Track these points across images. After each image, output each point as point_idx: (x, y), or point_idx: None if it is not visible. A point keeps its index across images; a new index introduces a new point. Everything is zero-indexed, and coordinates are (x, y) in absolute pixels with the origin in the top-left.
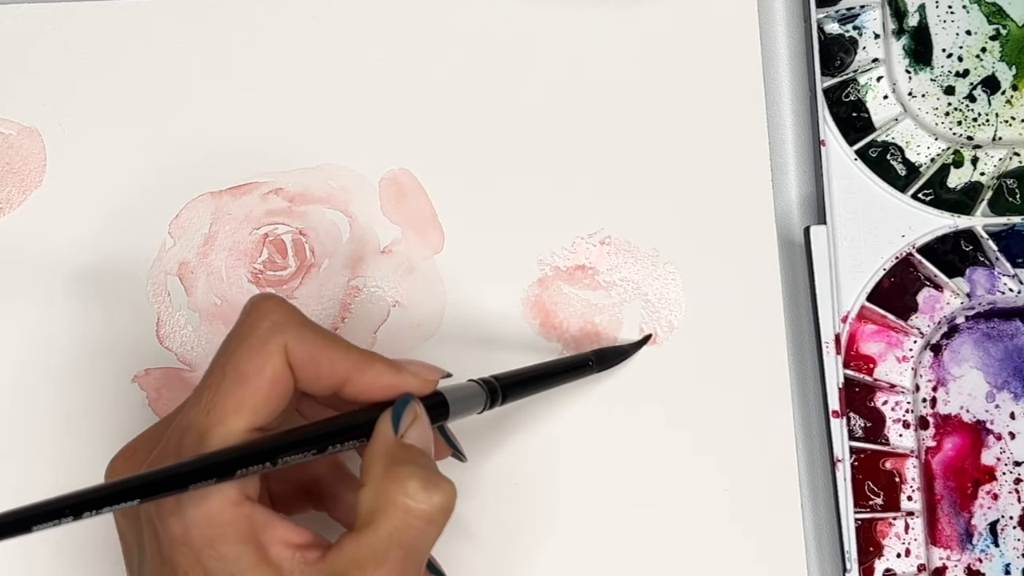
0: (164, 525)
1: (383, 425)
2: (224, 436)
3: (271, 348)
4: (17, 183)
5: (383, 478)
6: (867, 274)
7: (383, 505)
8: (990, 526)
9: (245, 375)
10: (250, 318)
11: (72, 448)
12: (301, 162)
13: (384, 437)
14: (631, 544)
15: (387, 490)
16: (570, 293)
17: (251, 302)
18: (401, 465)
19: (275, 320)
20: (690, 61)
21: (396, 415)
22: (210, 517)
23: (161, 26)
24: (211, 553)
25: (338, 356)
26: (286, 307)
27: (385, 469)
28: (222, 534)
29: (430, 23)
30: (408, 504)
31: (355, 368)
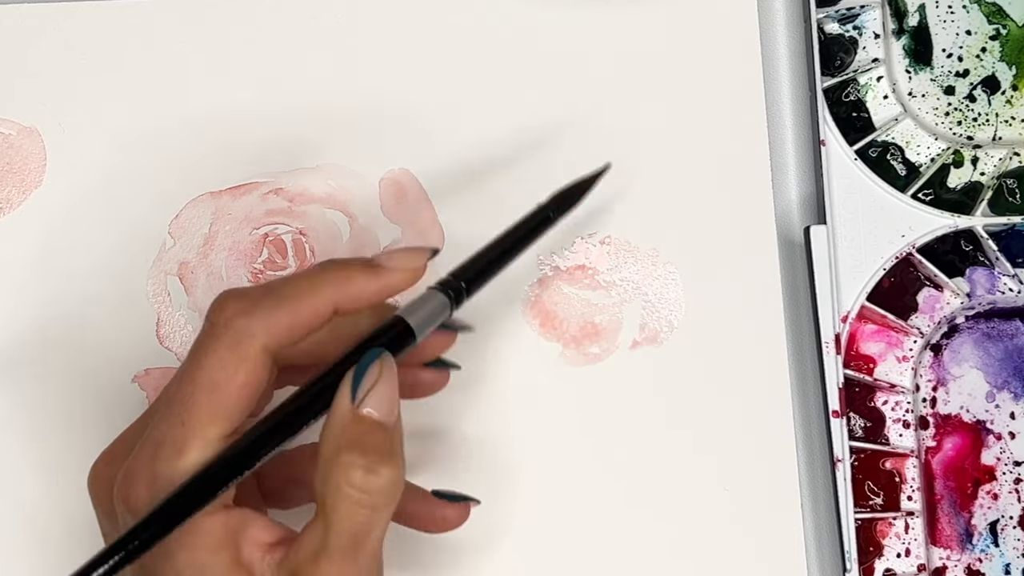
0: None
1: (342, 393)
2: (201, 449)
3: (244, 352)
4: (17, 183)
5: (331, 463)
6: (867, 274)
7: (330, 493)
8: (990, 526)
9: (217, 383)
10: (216, 326)
11: (72, 448)
12: (301, 162)
13: (340, 410)
14: (631, 544)
15: (333, 477)
16: (570, 293)
17: (212, 304)
18: (347, 451)
19: (241, 320)
20: (690, 61)
21: (357, 377)
22: (192, 527)
23: (161, 26)
24: (190, 561)
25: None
26: (245, 300)
27: (333, 453)
28: (202, 543)
29: (430, 23)
30: (351, 493)
31: (337, 292)
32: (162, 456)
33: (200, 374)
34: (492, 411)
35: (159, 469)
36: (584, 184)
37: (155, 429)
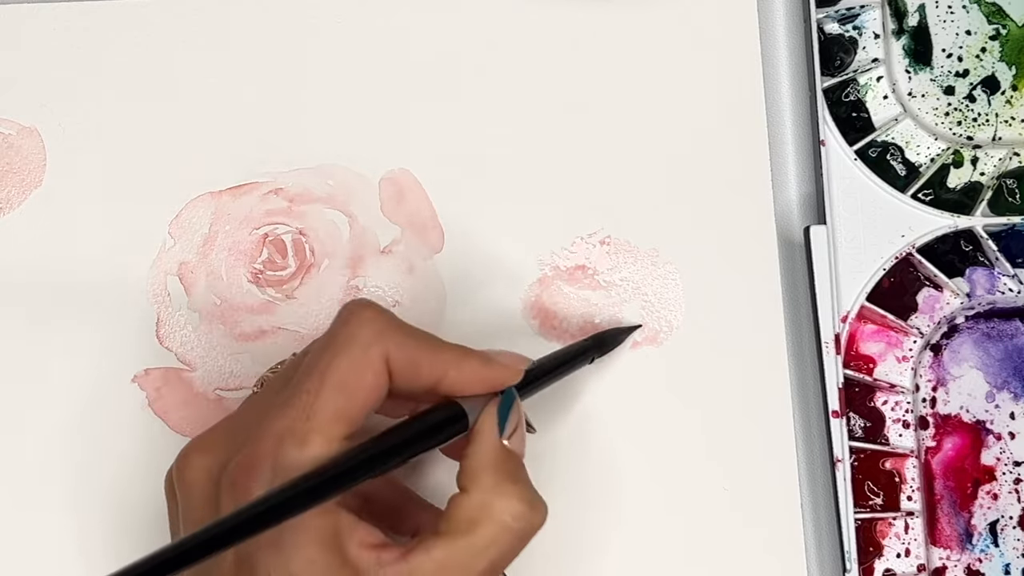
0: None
1: (488, 425)
2: (324, 444)
3: (372, 357)
4: (17, 183)
5: (491, 491)
6: (867, 274)
7: (485, 517)
8: (990, 526)
9: (346, 384)
10: (350, 326)
11: (72, 448)
12: (301, 162)
13: (490, 442)
14: (631, 544)
15: (494, 505)
16: (570, 293)
17: (349, 309)
18: (510, 481)
19: (376, 328)
20: (690, 61)
21: (502, 414)
22: (302, 522)
23: (161, 26)
24: (300, 556)
25: (437, 357)
26: (385, 314)
27: (494, 482)
28: (313, 539)
29: (430, 23)
30: (511, 524)
31: (452, 365)
32: (286, 446)
33: (330, 372)
34: None
35: (282, 459)
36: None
37: (277, 420)
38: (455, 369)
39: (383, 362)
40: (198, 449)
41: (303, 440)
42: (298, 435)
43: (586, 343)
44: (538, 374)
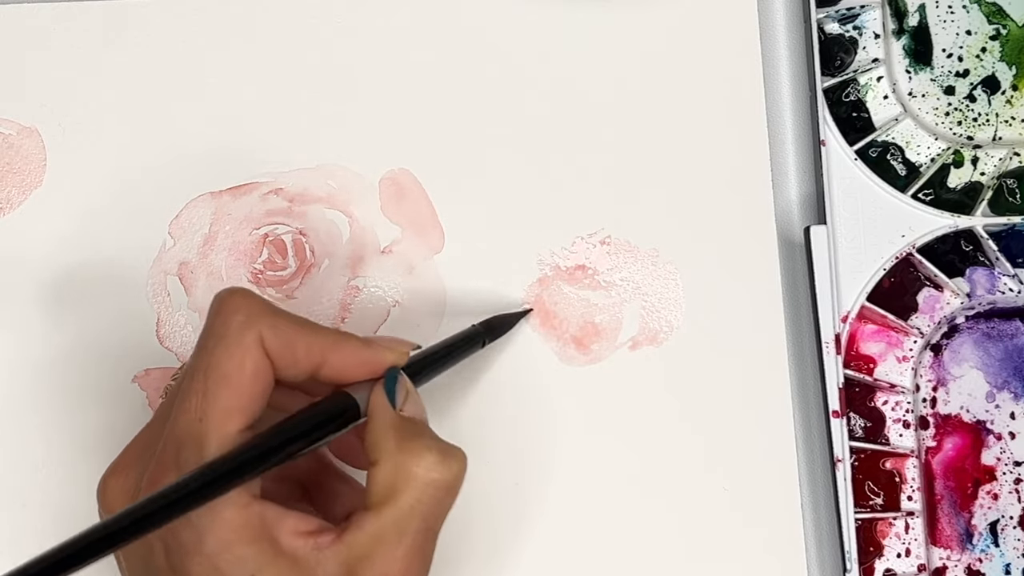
0: (175, 537)
1: (379, 401)
2: (222, 441)
3: (248, 343)
4: (17, 183)
5: (398, 453)
6: (867, 274)
7: (402, 479)
8: (990, 526)
9: (228, 377)
10: (220, 315)
11: (72, 448)
12: (301, 162)
13: (386, 413)
14: (631, 544)
15: (405, 464)
16: (570, 293)
17: (218, 298)
18: (414, 439)
19: (247, 314)
20: (690, 61)
21: (389, 390)
22: (224, 522)
23: (161, 26)
24: (228, 557)
25: (313, 339)
26: (254, 298)
27: (398, 444)
28: (238, 537)
29: (430, 23)
30: (428, 476)
31: (331, 348)
32: (185, 452)
33: (211, 368)
34: (492, 411)
35: (184, 466)
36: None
37: (174, 428)
38: (334, 352)
39: (259, 347)
40: (114, 473)
41: (199, 443)
42: (194, 438)
43: (476, 329)
44: (428, 360)
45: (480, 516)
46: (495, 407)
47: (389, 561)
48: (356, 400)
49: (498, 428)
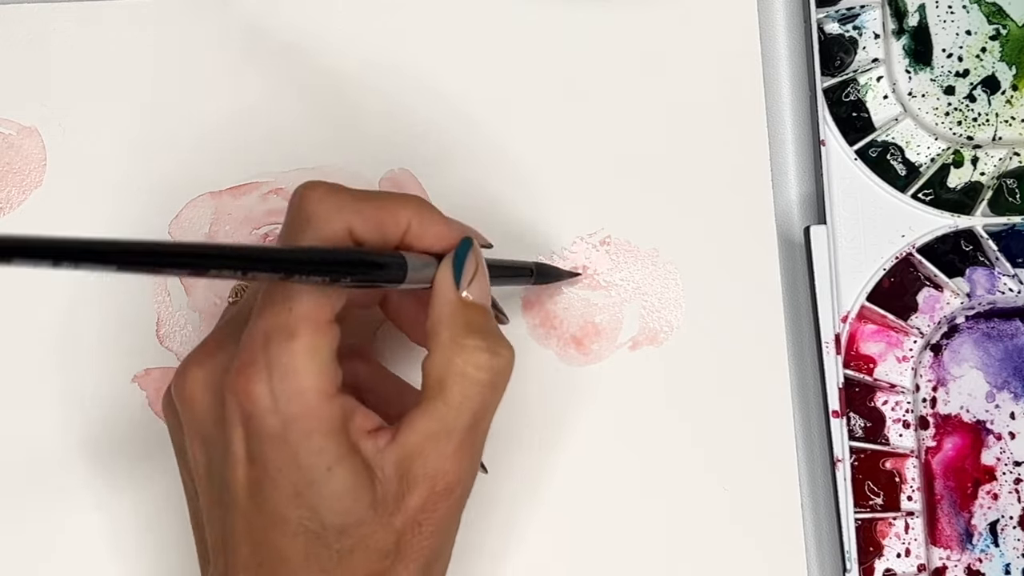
0: (260, 422)
1: (443, 279)
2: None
3: (337, 234)
4: (17, 183)
5: (450, 347)
6: (867, 274)
7: (451, 375)
8: (990, 526)
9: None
10: (305, 210)
11: (72, 448)
12: (301, 162)
13: (446, 296)
14: (631, 544)
15: (454, 360)
16: (570, 293)
17: (299, 194)
18: (467, 333)
19: (330, 204)
20: (690, 61)
21: (458, 262)
22: (309, 411)
23: (161, 26)
24: (309, 446)
25: (397, 213)
26: (335, 187)
27: (452, 337)
28: (319, 427)
29: (430, 23)
30: (476, 375)
31: (414, 216)
32: (274, 343)
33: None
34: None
35: (275, 355)
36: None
37: (260, 319)
38: (416, 219)
39: (348, 236)
40: (194, 363)
41: (291, 333)
42: (285, 329)
43: (529, 265)
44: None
45: (480, 516)
46: None
47: (441, 459)
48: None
49: (498, 428)
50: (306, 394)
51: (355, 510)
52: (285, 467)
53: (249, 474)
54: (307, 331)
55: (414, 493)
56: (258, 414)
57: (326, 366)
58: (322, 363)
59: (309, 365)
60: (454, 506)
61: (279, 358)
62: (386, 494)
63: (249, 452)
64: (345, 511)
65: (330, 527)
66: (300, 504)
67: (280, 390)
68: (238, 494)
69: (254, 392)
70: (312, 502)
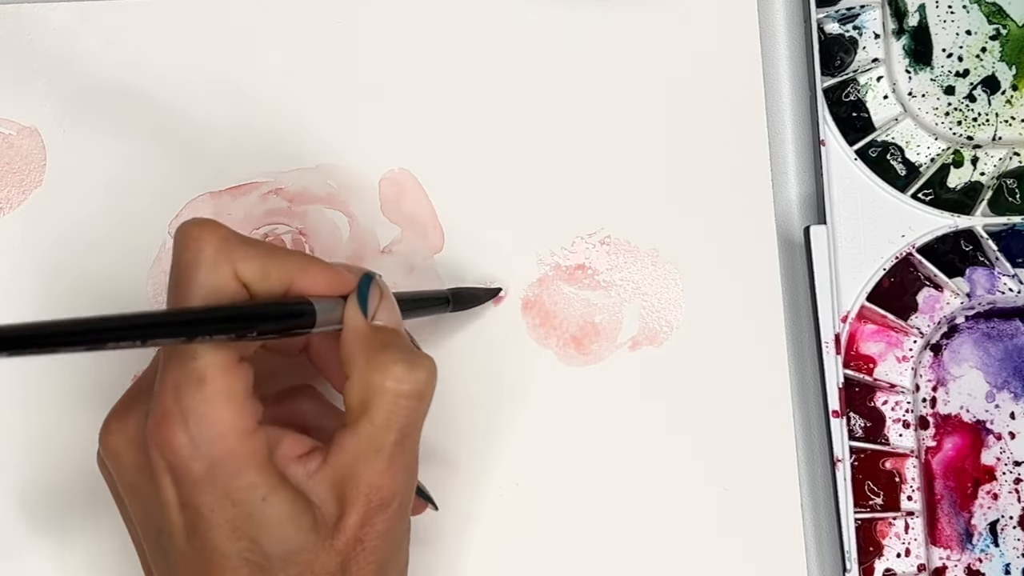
0: (185, 469)
1: (350, 311)
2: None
3: (225, 276)
4: (17, 183)
5: (366, 368)
6: (867, 274)
7: (372, 394)
8: (990, 526)
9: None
10: (190, 250)
11: (72, 448)
12: (301, 162)
13: (356, 325)
14: (631, 543)
15: (372, 379)
16: (570, 293)
17: (184, 232)
18: (381, 352)
19: (217, 246)
20: (690, 61)
21: (362, 295)
22: (231, 451)
23: (161, 26)
24: (239, 484)
25: (283, 264)
26: (221, 229)
27: (366, 359)
28: (246, 464)
29: (430, 23)
30: (396, 387)
31: (298, 271)
32: (185, 391)
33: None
34: (491, 411)
35: (187, 404)
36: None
37: (168, 370)
38: (301, 274)
39: (235, 280)
40: (115, 418)
41: (200, 379)
42: (193, 376)
43: (444, 293)
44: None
45: (480, 516)
46: (495, 407)
47: (372, 476)
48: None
49: (498, 428)
50: (226, 436)
51: (296, 536)
52: (218, 507)
53: (184, 518)
54: (216, 375)
55: (351, 512)
56: (181, 462)
57: (241, 405)
58: (237, 403)
59: (223, 408)
60: (393, 518)
61: (192, 406)
62: (324, 516)
63: (180, 498)
64: (286, 538)
65: (273, 556)
66: (240, 537)
67: (199, 436)
68: (176, 539)
69: (174, 442)
70: (252, 534)
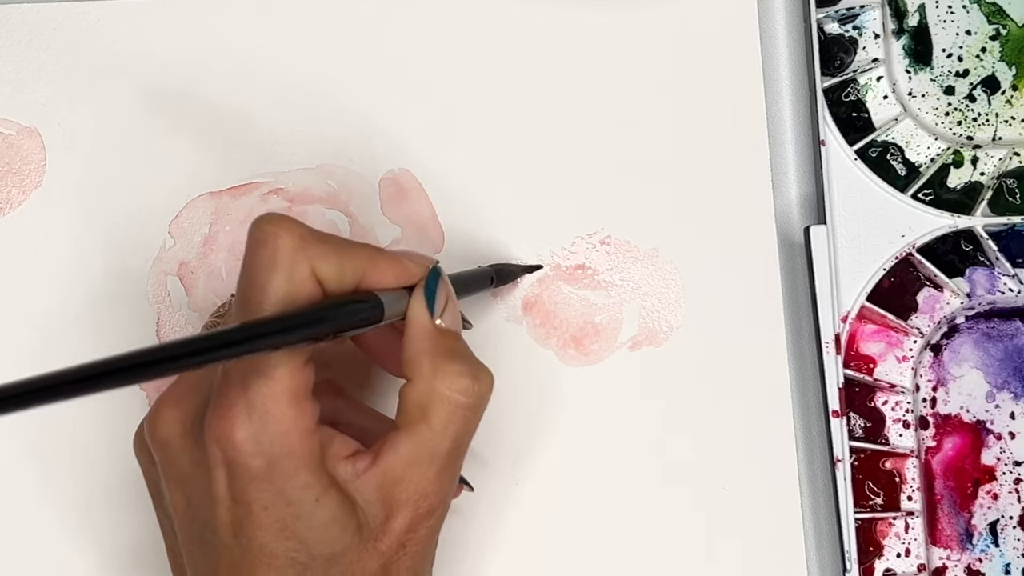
0: (243, 464)
1: (417, 310)
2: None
3: (302, 275)
4: (17, 183)
5: (432, 375)
6: (867, 274)
7: (434, 401)
8: (990, 526)
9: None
10: (268, 246)
11: (72, 448)
12: (301, 162)
13: (422, 326)
14: (631, 543)
15: (437, 387)
16: (570, 293)
17: (259, 227)
18: (448, 360)
19: (294, 244)
20: (690, 61)
21: (430, 292)
22: (292, 450)
23: (161, 26)
24: (295, 483)
25: (354, 257)
26: (297, 226)
27: (432, 364)
28: (305, 464)
29: (430, 23)
30: (459, 399)
31: (368, 264)
32: (253, 386)
33: (266, 298)
34: (492, 411)
35: (253, 399)
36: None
37: (235, 365)
38: (371, 266)
39: (312, 277)
40: (167, 405)
41: (269, 376)
42: (263, 372)
43: (487, 271)
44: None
45: (480, 516)
46: (495, 407)
47: (424, 483)
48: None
49: (498, 428)
50: (289, 435)
51: (342, 538)
52: (271, 505)
53: (233, 514)
54: (284, 373)
55: (398, 516)
56: (241, 458)
57: (304, 404)
58: (301, 402)
59: (289, 407)
60: (435, 525)
61: (259, 401)
62: (369, 519)
63: (232, 493)
64: (333, 540)
65: (318, 557)
66: (288, 537)
67: (262, 433)
68: (222, 533)
69: (236, 436)
70: (301, 535)
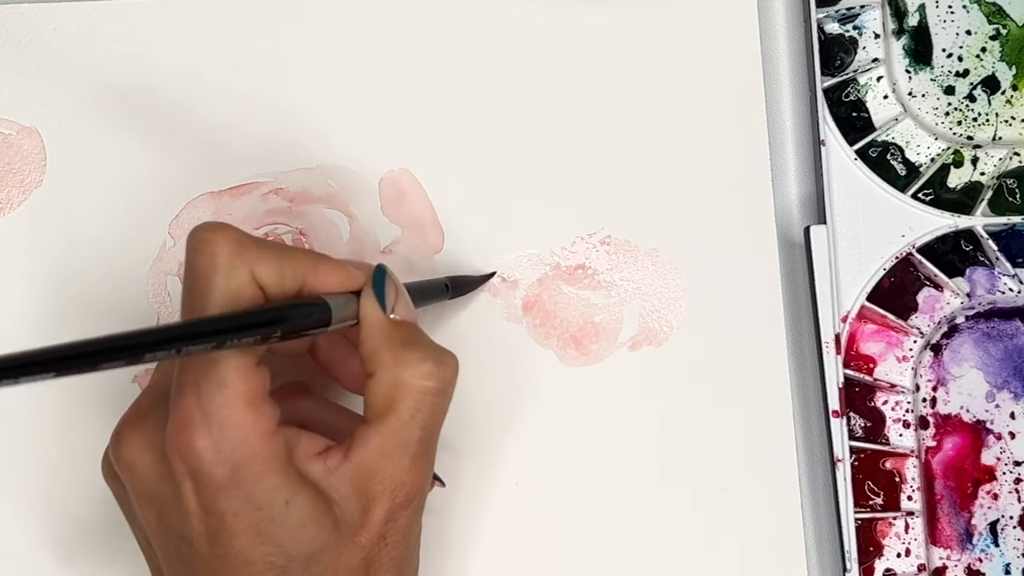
0: (208, 474)
1: (369, 307)
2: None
3: (242, 280)
4: (17, 183)
5: (394, 364)
6: (867, 274)
7: (400, 390)
8: (990, 526)
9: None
10: (206, 254)
11: (72, 448)
12: (301, 162)
13: (376, 320)
14: (631, 543)
15: (401, 376)
16: (570, 292)
17: (196, 236)
18: (408, 348)
19: (233, 251)
20: (690, 61)
21: (378, 289)
22: (255, 454)
23: (161, 26)
24: (262, 487)
25: (296, 263)
26: (235, 232)
27: (393, 355)
28: (269, 467)
29: (430, 23)
30: (424, 385)
31: (309, 269)
32: (206, 396)
33: (208, 302)
34: (491, 411)
35: (208, 408)
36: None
37: (186, 375)
38: (313, 271)
39: (252, 280)
40: (129, 426)
41: (221, 383)
42: (214, 380)
43: (442, 281)
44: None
45: (480, 516)
46: (495, 407)
47: (398, 472)
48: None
49: (498, 428)
50: (249, 439)
51: (319, 536)
52: (241, 511)
53: (206, 524)
54: (237, 379)
55: (375, 509)
56: (203, 467)
57: (262, 407)
58: (257, 406)
59: (245, 411)
60: (413, 515)
61: (214, 409)
62: (346, 514)
63: (202, 503)
64: (310, 539)
65: (297, 558)
66: (264, 542)
67: (222, 440)
68: (198, 545)
69: (196, 446)
70: (276, 537)
